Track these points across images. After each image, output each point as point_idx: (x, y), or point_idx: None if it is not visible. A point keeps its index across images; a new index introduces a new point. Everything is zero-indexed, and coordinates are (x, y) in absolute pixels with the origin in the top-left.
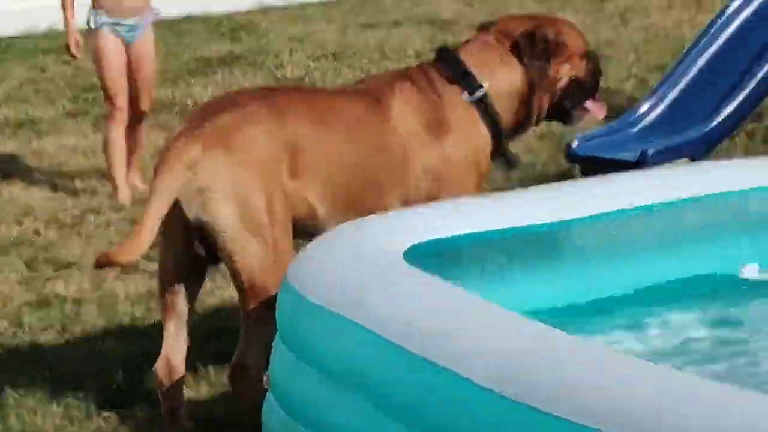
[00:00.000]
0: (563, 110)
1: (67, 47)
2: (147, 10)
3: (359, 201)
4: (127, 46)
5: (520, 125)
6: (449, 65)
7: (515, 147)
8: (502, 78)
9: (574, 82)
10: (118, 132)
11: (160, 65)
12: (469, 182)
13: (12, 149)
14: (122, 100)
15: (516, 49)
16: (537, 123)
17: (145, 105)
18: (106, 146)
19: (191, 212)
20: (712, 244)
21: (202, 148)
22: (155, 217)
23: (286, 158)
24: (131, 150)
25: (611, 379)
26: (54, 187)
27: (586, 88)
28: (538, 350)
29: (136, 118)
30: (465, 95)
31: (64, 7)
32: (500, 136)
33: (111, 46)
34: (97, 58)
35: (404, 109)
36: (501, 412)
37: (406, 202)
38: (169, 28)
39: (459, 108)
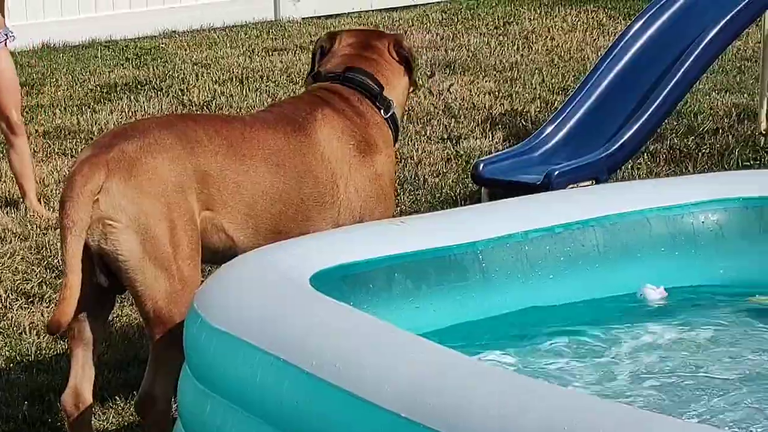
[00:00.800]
0: None
1: None
2: None
3: (285, 229)
4: None
5: None
6: (364, 85)
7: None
8: (400, 91)
9: None
10: None
11: (65, 92)
12: (392, 196)
13: None
14: None
15: (404, 62)
16: None
17: (13, 118)
18: None
19: (93, 241)
20: (615, 265)
21: (105, 177)
22: (75, 257)
23: (196, 187)
24: (21, 175)
25: (514, 402)
26: None
27: None
28: (443, 374)
29: (10, 135)
30: (382, 112)
31: None
32: None
33: None
34: None
35: (331, 135)
36: None
37: (338, 225)
38: (73, 54)
39: (380, 126)
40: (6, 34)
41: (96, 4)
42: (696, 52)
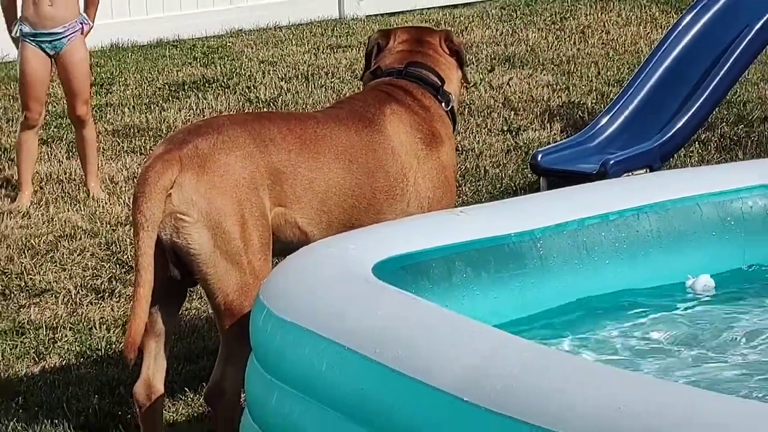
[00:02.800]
0: None
1: None
2: (71, 21)
3: (357, 222)
4: (55, 56)
5: None
6: (427, 79)
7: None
8: (456, 84)
9: None
10: (27, 136)
11: (134, 91)
12: (455, 186)
13: None
14: (34, 110)
15: (456, 56)
16: None
17: (80, 110)
18: (17, 149)
19: (165, 235)
20: (668, 250)
21: (178, 172)
22: (148, 254)
23: (268, 184)
24: (85, 159)
25: (569, 382)
26: (27, 215)
27: None
28: (504, 358)
29: (77, 124)
30: (443, 105)
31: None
32: None
33: (29, 56)
34: (19, 67)
35: (400, 130)
36: (465, 418)
37: (409, 215)
38: (141, 54)
39: (443, 119)
40: (81, 22)
41: (164, 4)
42: (744, 44)
